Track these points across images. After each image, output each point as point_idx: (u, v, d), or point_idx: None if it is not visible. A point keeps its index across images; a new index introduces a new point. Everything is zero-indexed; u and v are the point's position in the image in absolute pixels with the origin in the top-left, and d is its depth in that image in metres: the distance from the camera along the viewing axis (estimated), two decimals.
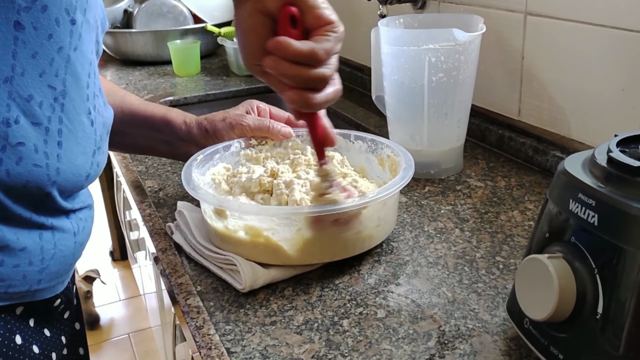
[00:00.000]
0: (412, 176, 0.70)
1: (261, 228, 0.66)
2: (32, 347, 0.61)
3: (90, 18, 0.57)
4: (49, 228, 0.58)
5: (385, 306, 0.62)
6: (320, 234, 0.66)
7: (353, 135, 0.83)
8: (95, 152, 0.60)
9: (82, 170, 0.58)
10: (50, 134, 0.54)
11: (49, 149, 0.54)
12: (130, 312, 2.23)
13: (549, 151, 0.90)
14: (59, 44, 0.53)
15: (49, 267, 0.58)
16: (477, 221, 0.78)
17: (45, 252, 0.57)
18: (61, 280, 0.63)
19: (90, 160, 0.59)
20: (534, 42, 0.92)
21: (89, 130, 0.58)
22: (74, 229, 0.61)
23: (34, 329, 0.62)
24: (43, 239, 0.57)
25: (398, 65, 0.87)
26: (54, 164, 0.55)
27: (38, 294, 0.60)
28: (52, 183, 0.55)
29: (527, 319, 0.52)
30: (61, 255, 0.59)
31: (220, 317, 0.61)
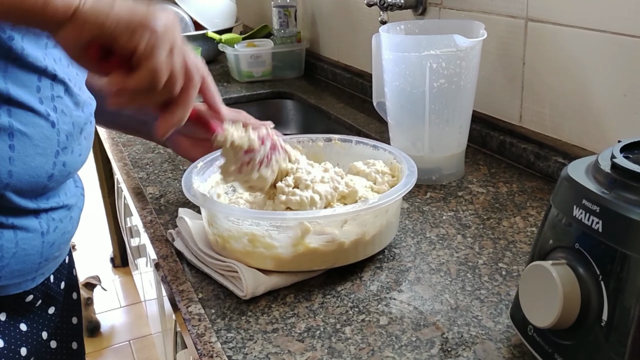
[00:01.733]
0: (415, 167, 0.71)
1: (260, 234, 0.66)
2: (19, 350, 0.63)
3: None
4: (10, 227, 0.59)
5: (387, 313, 0.62)
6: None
7: (355, 140, 0.82)
8: (58, 152, 0.61)
9: (41, 171, 0.60)
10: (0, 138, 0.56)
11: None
12: (131, 319, 2.23)
13: (551, 157, 0.90)
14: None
15: (10, 265, 0.60)
16: (479, 227, 0.77)
17: (4, 250, 0.59)
18: (29, 277, 0.64)
19: (52, 160, 0.60)
20: (535, 48, 0.92)
21: (49, 131, 0.60)
22: (42, 228, 0.62)
23: (5, 323, 0.64)
24: (3, 238, 0.59)
25: (399, 71, 0.87)
26: (5, 166, 0.57)
27: (1, 289, 0.61)
28: (5, 185, 0.57)
29: (531, 326, 0.52)
30: (24, 254, 0.61)
31: (221, 325, 0.61)
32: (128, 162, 1.05)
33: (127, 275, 2.46)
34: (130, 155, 1.08)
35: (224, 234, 0.68)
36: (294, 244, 0.65)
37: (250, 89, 1.54)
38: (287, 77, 1.62)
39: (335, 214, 0.66)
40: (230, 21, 1.85)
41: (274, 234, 0.65)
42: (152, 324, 1.98)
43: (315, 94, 1.47)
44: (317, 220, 0.65)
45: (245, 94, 1.51)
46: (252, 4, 2.05)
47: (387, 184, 0.74)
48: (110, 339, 2.12)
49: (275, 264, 0.66)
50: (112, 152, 1.12)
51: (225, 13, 1.83)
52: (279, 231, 0.65)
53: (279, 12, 1.62)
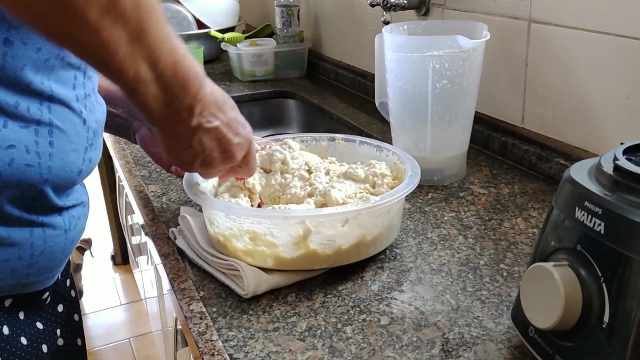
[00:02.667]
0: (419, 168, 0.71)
1: (261, 232, 0.66)
2: (19, 339, 0.63)
3: None
4: (40, 225, 0.60)
5: (388, 313, 0.62)
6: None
7: (358, 140, 0.82)
8: (87, 148, 0.63)
9: (74, 167, 0.61)
10: (41, 134, 0.57)
11: (40, 148, 0.57)
12: (131, 317, 2.23)
13: (553, 158, 0.90)
14: (46, 56, 0.56)
15: (38, 262, 0.61)
16: (480, 228, 0.77)
17: (35, 248, 0.60)
18: (51, 274, 0.65)
19: (82, 156, 0.62)
20: (537, 49, 0.92)
21: (81, 128, 0.61)
22: (65, 226, 0.63)
23: (24, 321, 0.64)
24: (34, 236, 0.60)
25: (402, 71, 0.87)
26: (46, 162, 0.58)
27: (27, 286, 0.62)
28: (44, 181, 0.58)
29: (532, 327, 0.52)
30: (51, 252, 0.62)
31: (223, 323, 0.61)
32: (130, 160, 1.05)
33: (127, 273, 2.46)
34: (132, 153, 1.08)
35: (225, 232, 0.68)
36: (295, 242, 0.65)
37: (253, 88, 1.54)
38: (290, 76, 1.62)
39: (336, 212, 0.66)
40: (233, 20, 1.85)
41: (275, 232, 0.65)
42: (152, 322, 1.98)
43: (317, 94, 1.48)
44: (318, 219, 0.65)
45: (248, 93, 1.51)
46: (255, 3, 2.05)
47: (387, 186, 0.74)
48: (111, 337, 2.12)
49: (276, 262, 0.66)
50: (114, 150, 1.12)
51: (228, 12, 1.84)
52: (280, 229, 0.65)
53: (281, 11, 1.62)
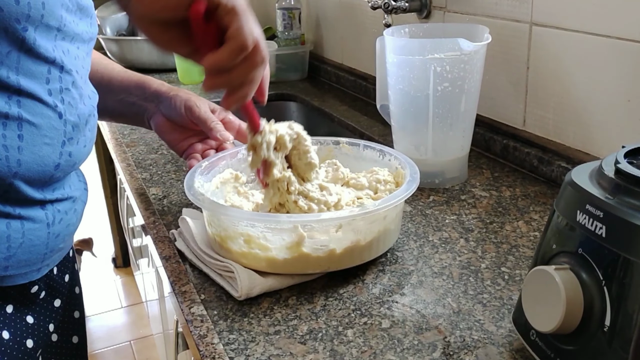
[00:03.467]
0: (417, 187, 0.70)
1: (255, 235, 0.66)
2: (1, 333, 0.63)
3: (50, 21, 0.58)
4: (17, 217, 0.60)
5: (389, 316, 0.62)
6: None
7: (362, 144, 0.81)
8: (65, 142, 0.62)
9: (49, 160, 0.61)
10: (9, 128, 0.57)
11: (8, 142, 0.57)
12: (132, 319, 2.23)
13: (554, 161, 0.90)
14: (7, 49, 0.56)
15: (17, 255, 0.61)
16: (482, 231, 0.77)
17: (12, 240, 0.60)
18: (35, 268, 0.65)
19: (59, 150, 0.62)
20: (539, 52, 0.92)
21: (56, 122, 0.61)
22: (47, 219, 0.63)
23: (11, 315, 0.65)
24: (10, 228, 0.60)
25: (403, 74, 0.87)
26: (15, 155, 0.58)
27: (7, 279, 0.62)
28: (14, 174, 0.58)
29: (534, 330, 0.52)
30: (30, 245, 0.62)
31: (224, 326, 0.61)
32: (131, 162, 1.05)
33: (128, 276, 2.46)
34: (133, 155, 1.08)
35: (222, 233, 0.68)
36: (288, 246, 0.65)
37: None
38: (291, 79, 1.62)
39: (330, 218, 0.65)
40: None
41: (269, 235, 0.65)
42: (153, 324, 1.98)
43: (318, 96, 1.48)
44: (311, 224, 0.65)
45: None
46: (256, 6, 2.05)
47: (388, 192, 0.74)
48: (111, 340, 2.12)
49: (269, 265, 0.66)
50: (115, 153, 1.12)
51: None
52: (273, 233, 0.65)
53: (283, 14, 1.63)
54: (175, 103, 0.85)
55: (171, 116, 0.86)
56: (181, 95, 0.86)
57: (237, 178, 0.81)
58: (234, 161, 0.82)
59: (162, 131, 0.89)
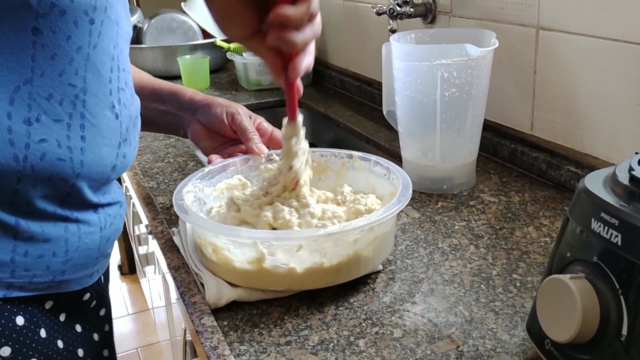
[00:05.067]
0: (408, 200, 0.67)
1: (220, 246, 0.66)
2: (56, 342, 0.62)
3: (111, 14, 0.58)
4: (74, 221, 0.60)
5: (401, 325, 0.61)
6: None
7: (373, 160, 0.79)
8: (120, 143, 0.62)
9: (107, 162, 0.61)
10: (73, 129, 0.57)
11: (72, 143, 0.57)
12: (139, 327, 2.22)
13: (563, 166, 0.89)
14: (77, 44, 0.55)
15: (73, 259, 0.61)
16: (492, 237, 0.77)
17: (69, 244, 0.60)
18: (88, 272, 0.64)
19: (116, 151, 0.62)
20: (546, 56, 0.92)
21: (114, 123, 0.61)
22: (100, 223, 0.63)
23: (64, 324, 0.64)
24: (68, 232, 0.59)
25: (410, 80, 0.86)
26: (78, 157, 0.57)
27: (63, 285, 0.62)
28: (77, 175, 0.58)
29: (549, 339, 0.51)
30: (86, 248, 0.61)
31: (234, 337, 0.60)
32: (138, 171, 1.05)
33: (134, 283, 2.46)
34: (140, 164, 1.08)
35: (197, 240, 0.69)
36: (250, 261, 0.64)
37: (259, 97, 1.54)
38: None
39: (289, 237, 0.64)
40: None
41: (232, 248, 0.65)
42: (160, 331, 1.98)
43: (323, 102, 1.47)
44: (271, 242, 0.64)
45: (254, 102, 1.51)
46: None
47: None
48: (118, 347, 2.12)
49: (233, 277, 0.66)
50: None
51: None
52: (235, 246, 0.65)
53: None
54: (216, 111, 0.85)
55: (210, 124, 0.86)
56: (221, 103, 0.86)
57: (244, 186, 0.81)
58: (244, 168, 0.81)
59: (199, 139, 0.88)
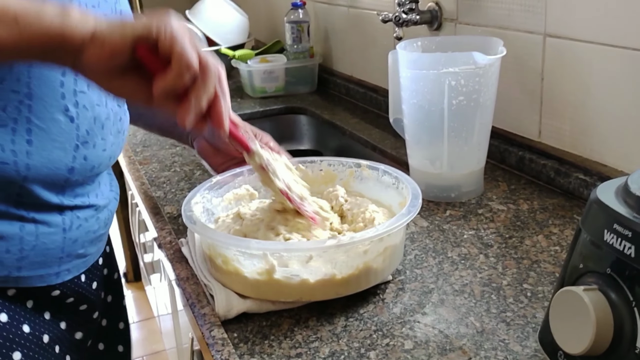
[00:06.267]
0: (418, 210, 0.66)
1: (230, 257, 0.66)
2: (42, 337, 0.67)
3: None
4: (30, 221, 0.62)
5: (412, 337, 0.61)
6: None
7: (382, 169, 0.79)
8: (78, 146, 0.63)
9: (61, 164, 0.62)
10: (18, 133, 0.58)
11: (16, 147, 0.58)
12: (144, 335, 2.22)
13: (572, 173, 0.89)
14: None
15: (29, 257, 0.63)
16: (501, 246, 0.77)
17: (24, 242, 0.62)
18: (52, 271, 0.66)
19: (72, 154, 0.63)
20: (553, 63, 0.92)
21: (67, 126, 0.62)
22: (64, 225, 0.65)
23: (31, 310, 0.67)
24: (24, 231, 0.62)
25: (417, 88, 0.86)
26: (23, 160, 0.59)
27: (22, 280, 0.64)
28: (24, 178, 0.60)
29: (562, 352, 0.51)
30: (44, 248, 0.63)
31: (244, 349, 0.60)
32: (145, 181, 1.05)
33: (139, 290, 2.45)
34: (147, 173, 1.08)
35: (207, 251, 0.69)
36: (259, 272, 0.64)
37: (264, 104, 1.55)
38: (300, 92, 1.62)
39: (299, 248, 0.64)
40: (242, 37, 1.86)
41: (241, 259, 0.65)
42: (166, 339, 1.97)
43: (328, 109, 1.47)
44: (281, 252, 0.63)
45: (259, 110, 1.51)
46: (265, 20, 2.05)
47: None
48: None
49: (243, 288, 0.66)
50: (128, 170, 1.12)
51: (238, 29, 1.84)
52: (245, 257, 0.65)
53: (291, 27, 1.63)
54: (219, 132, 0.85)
55: (214, 142, 0.87)
56: None
57: (251, 196, 0.81)
58: (252, 178, 0.81)
59: (205, 155, 0.89)
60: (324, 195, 0.80)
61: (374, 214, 0.72)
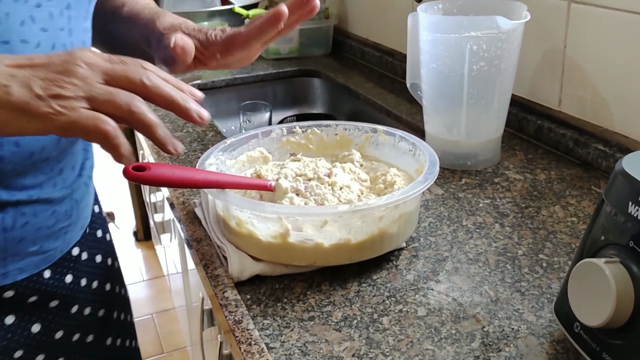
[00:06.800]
0: (435, 177, 0.65)
1: (244, 220, 0.65)
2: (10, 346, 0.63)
3: None
4: None
5: (425, 304, 0.61)
6: None
7: (398, 135, 0.77)
8: None
9: None
10: None
11: None
12: (153, 293, 2.25)
13: (591, 144, 0.87)
14: None
15: None
16: (517, 216, 0.76)
17: None
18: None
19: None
20: (577, 31, 0.89)
21: None
22: (4, 223, 0.58)
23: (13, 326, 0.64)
24: None
25: (437, 53, 0.84)
26: None
27: None
28: None
29: (578, 323, 0.50)
30: None
31: (257, 311, 0.60)
32: None
33: (149, 249, 2.48)
34: None
35: (221, 213, 0.69)
36: (274, 235, 0.64)
37: (277, 66, 1.52)
38: (314, 54, 1.60)
39: (314, 212, 0.63)
40: None
41: (255, 222, 0.64)
42: (175, 298, 2.00)
43: (343, 73, 1.45)
44: (295, 216, 0.63)
45: (272, 72, 1.49)
46: None
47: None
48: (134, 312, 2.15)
49: (256, 250, 0.65)
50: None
51: None
52: (259, 220, 0.64)
53: None
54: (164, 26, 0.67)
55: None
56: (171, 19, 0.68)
57: (265, 159, 0.80)
58: (266, 140, 0.80)
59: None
60: (339, 159, 0.79)
61: (395, 177, 0.71)
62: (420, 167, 0.72)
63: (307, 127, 0.82)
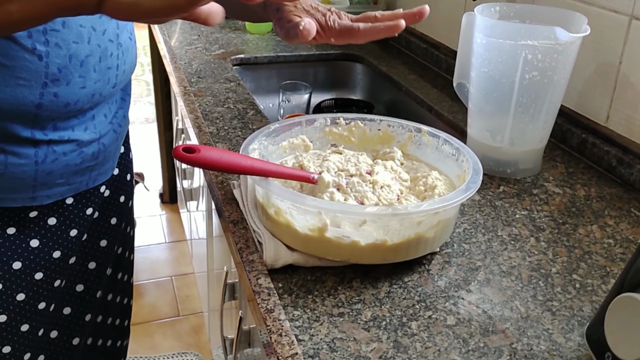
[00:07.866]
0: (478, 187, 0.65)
1: (283, 209, 0.66)
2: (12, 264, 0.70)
3: None
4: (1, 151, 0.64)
5: (455, 313, 0.61)
6: None
7: (443, 138, 0.77)
8: (47, 84, 0.63)
9: (27, 101, 0.62)
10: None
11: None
12: (174, 256, 2.29)
13: (635, 164, 0.86)
14: None
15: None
16: (553, 232, 0.75)
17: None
18: (26, 196, 0.68)
19: (39, 91, 0.63)
20: (635, 48, 0.87)
21: (34, 64, 0.61)
22: (37, 157, 0.66)
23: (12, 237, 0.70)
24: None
25: (490, 57, 0.83)
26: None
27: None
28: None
29: (610, 353, 0.50)
30: (13, 177, 0.65)
31: (288, 301, 0.61)
32: (199, 114, 1.05)
33: (174, 212, 2.51)
34: (200, 106, 1.08)
35: (261, 199, 0.69)
36: (311, 228, 0.64)
37: (320, 48, 1.51)
38: None
39: (354, 211, 0.64)
40: None
41: (294, 213, 0.65)
42: (195, 264, 2.03)
43: (386, 61, 1.44)
44: (335, 213, 0.63)
45: (315, 53, 1.49)
46: None
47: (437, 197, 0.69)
48: (154, 273, 2.19)
49: (291, 240, 0.66)
50: (183, 101, 1.12)
51: None
52: (298, 212, 0.65)
53: None
54: None
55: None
56: None
57: (306, 147, 0.80)
58: (310, 128, 0.80)
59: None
60: (380, 155, 0.79)
61: (437, 181, 0.71)
62: (462, 173, 0.72)
63: (351, 120, 0.82)
